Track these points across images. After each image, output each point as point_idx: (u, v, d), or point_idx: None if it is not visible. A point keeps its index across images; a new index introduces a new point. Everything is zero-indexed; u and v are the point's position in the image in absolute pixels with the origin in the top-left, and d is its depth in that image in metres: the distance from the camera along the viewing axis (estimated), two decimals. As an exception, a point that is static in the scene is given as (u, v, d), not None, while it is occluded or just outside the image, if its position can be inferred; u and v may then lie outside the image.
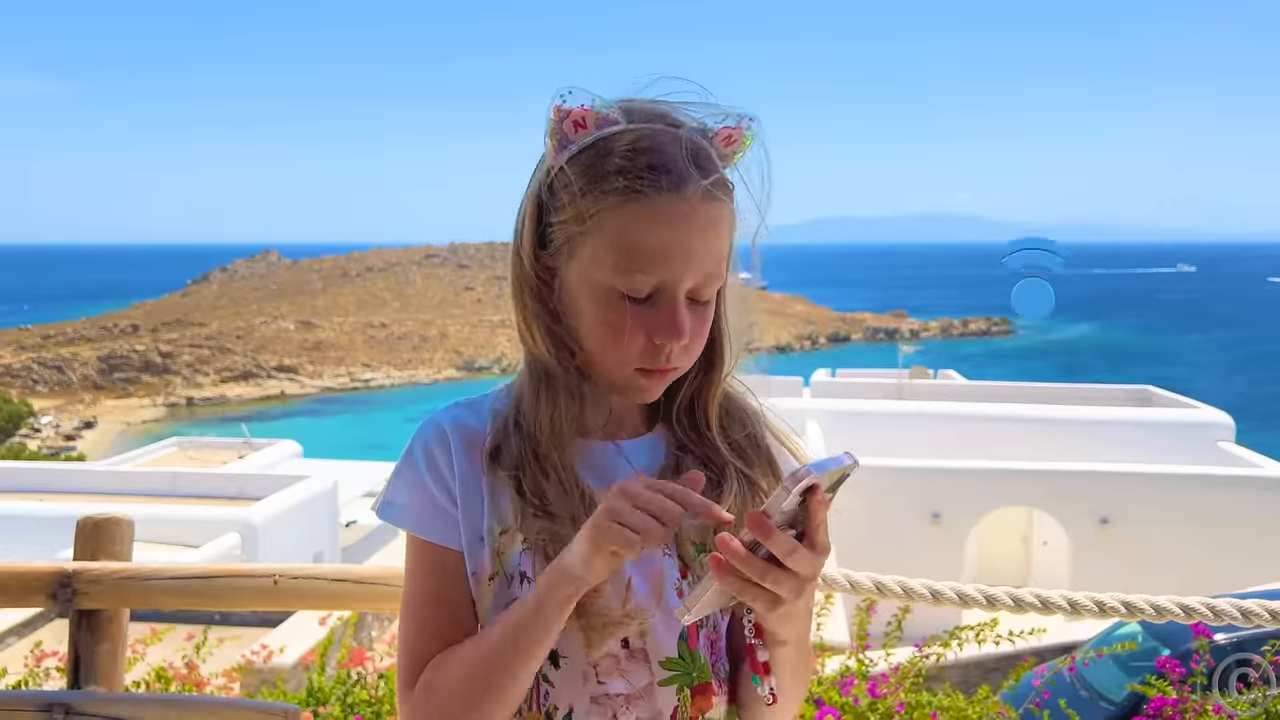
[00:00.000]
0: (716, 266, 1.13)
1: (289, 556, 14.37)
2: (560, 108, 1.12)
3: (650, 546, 1.02)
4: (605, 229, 1.11)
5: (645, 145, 1.10)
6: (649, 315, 1.12)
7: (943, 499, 13.94)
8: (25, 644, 7.51)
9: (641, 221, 1.09)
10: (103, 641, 1.85)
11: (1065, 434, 16.11)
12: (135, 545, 1.99)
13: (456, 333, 76.19)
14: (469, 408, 1.24)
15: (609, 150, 1.11)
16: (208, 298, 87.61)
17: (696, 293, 1.14)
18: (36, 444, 47.81)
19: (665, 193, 1.09)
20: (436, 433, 1.21)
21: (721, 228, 1.13)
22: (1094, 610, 1.86)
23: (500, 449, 1.18)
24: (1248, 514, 13.38)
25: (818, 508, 1.00)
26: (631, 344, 1.13)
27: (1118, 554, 13.53)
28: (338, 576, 1.71)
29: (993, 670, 8.37)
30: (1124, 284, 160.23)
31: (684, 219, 1.09)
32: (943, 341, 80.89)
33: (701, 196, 1.10)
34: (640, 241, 1.10)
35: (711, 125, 1.15)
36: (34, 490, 16.95)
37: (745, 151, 1.16)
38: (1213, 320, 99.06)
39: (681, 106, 1.15)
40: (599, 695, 1.15)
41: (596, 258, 1.12)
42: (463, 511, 1.19)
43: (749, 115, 1.15)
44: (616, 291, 1.12)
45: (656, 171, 1.09)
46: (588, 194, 1.11)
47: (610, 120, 1.12)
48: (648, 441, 1.24)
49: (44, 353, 69.32)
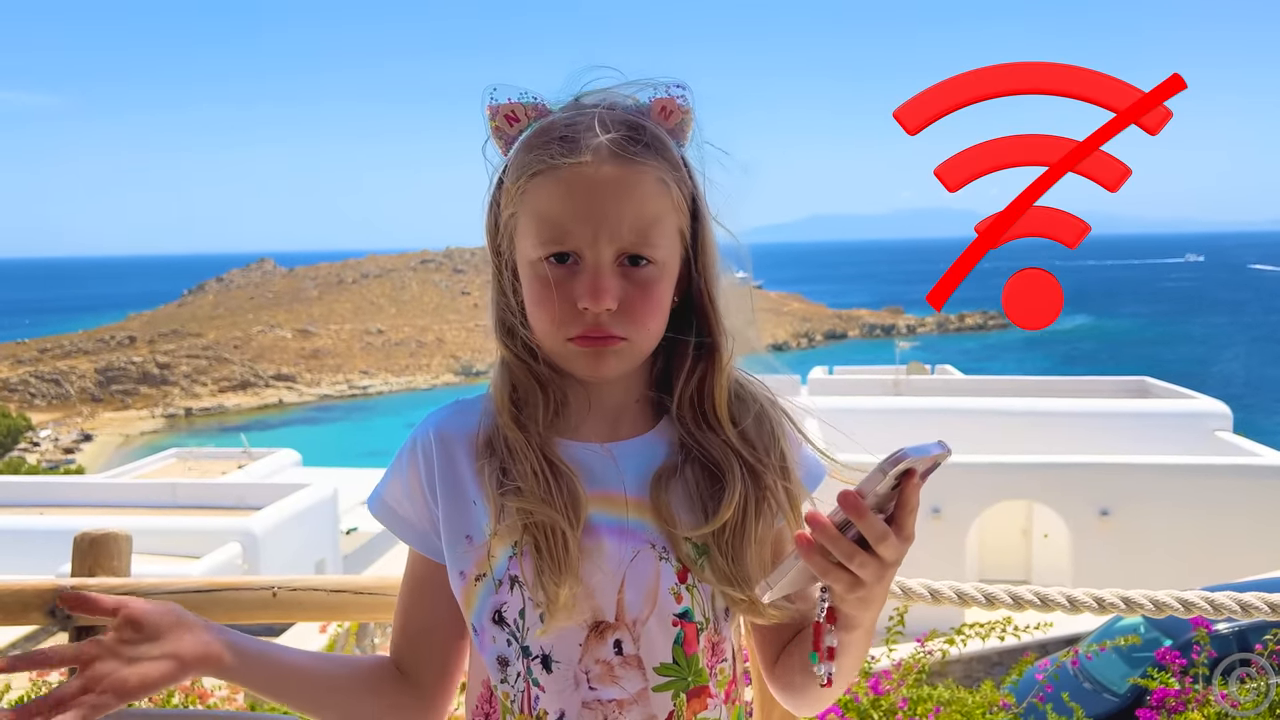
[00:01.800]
0: (642, 229, 1.13)
1: (290, 565, 14.37)
2: (492, 106, 1.17)
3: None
4: (526, 206, 1.15)
5: (560, 123, 1.14)
6: (572, 282, 1.13)
7: (943, 494, 13.94)
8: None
9: (546, 190, 1.12)
10: (103, 656, 1.84)
11: (1064, 426, 16.12)
12: (136, 558, 1.98)
13: (453, 338, 76.22)
14: (463, 408, 1.26)
15: (534, 136, 1.16)
16: (204, 308, 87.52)
17: (628, 254, 1.14)
18: (35, 458, 47.79)
19: (564, 159, 1.11)
20: (424, 439, 1.24)
21: (642, 190, 1.13)
22: (1093, 607, 1.85)
23: (490, 444, 1.20)
24: (1247, 503, 13.42)
25: (912, 493, 0.99)
26: (554, 311, 1.13)
27: (1118, 545, 13.55)
28: (337, 588, 1.70)
29: (996, 665, 8.38)
30: (1126, 274, 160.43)
31: (586, 182, 1.11)
32: (939, 336, 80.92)
33: (606, 159, 1.11)
34: (548, 210, 1.12)
35: (644, 100, 1.18)
36: (34, 504, 16.94)
37: (689, 120, 1.19)
38: (1205, 307, 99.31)
39: (620, 89, 1.18)
40: (590, 701, 1.14)
41: (524, 235, 1.16)
42: (445, 514, 1.21)
43: (676, 83, 1.18)
44: (543, 263, 1.14)
45: (559, 142, 1.12)
46: (515, 178, 1.16)
47: (540, 109, 1.17)
48: (644, 442, 1.23)
49: (41, 366, 69.23)
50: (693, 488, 1.20)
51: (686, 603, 1.18)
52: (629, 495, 1.19)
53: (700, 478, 1.20)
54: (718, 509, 1.17)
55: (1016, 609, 2.02)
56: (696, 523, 1.18)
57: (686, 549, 1.18)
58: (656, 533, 1.17)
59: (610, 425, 1.23)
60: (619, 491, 1.19)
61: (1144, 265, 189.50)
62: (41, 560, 10.67)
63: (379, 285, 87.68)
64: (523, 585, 1.15)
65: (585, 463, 1.19)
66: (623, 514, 1.18)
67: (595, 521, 1.16)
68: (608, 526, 1.16)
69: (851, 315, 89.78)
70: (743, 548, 1.18)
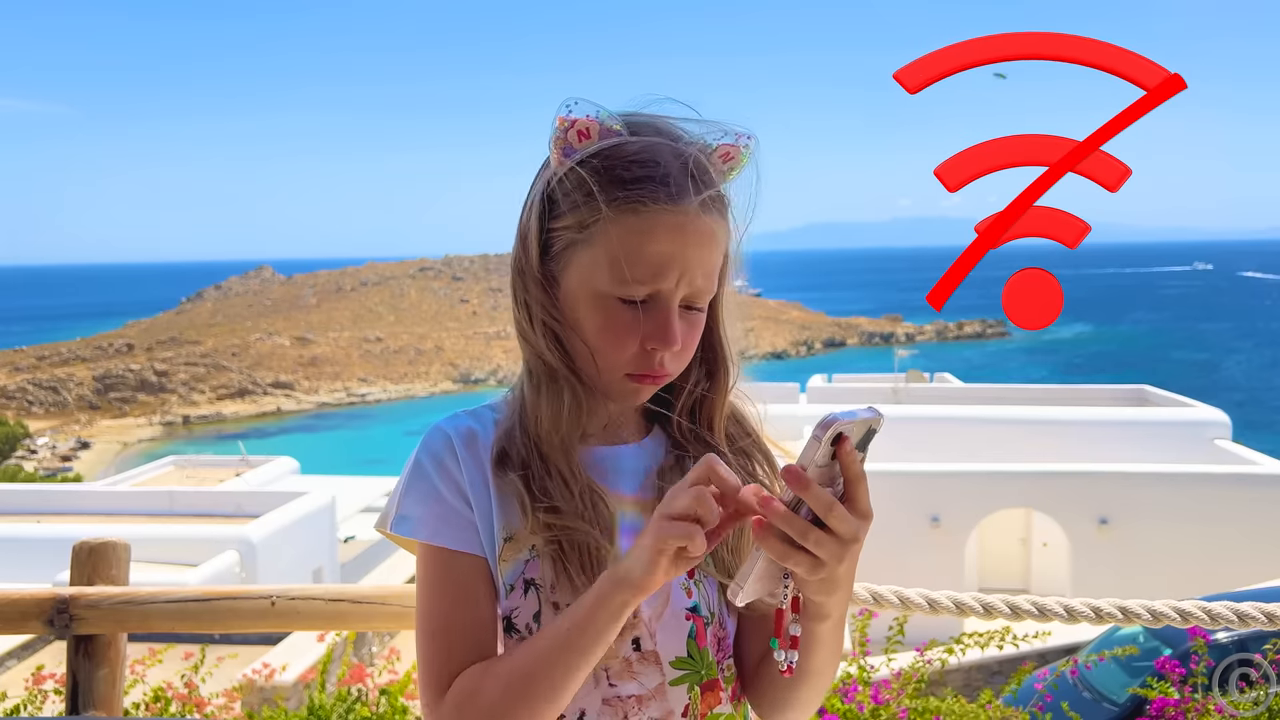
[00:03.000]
0: (709, 278, 1.16)
1: (288, 573, 14.34)
2: (565, 118, 1.15)
3: (709, 545, 1.01)
4: (605, 237, 1.14)
5: (647, 158, 1.14)
6: (643, 322, 1.15)
7: (942, 502, 13.94)
8: (26, 666, 7.47)
9: (640, 232, 1.12)
10: (101, 667, 1.84)
11: (1062, 435, 16.11)
12: (134, 565, 1.98)
13: (452, 345, 76.12)
14: (471, 416, 1.25)
15: (611, 161, 1.14)
16: (202, 315, 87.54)
17: (689, 302, 1.17)
18: (33, 465, 47.75)
19: (664, 204, 1.12)
20: (443, 440, 1.21)
21: (716, 241, 1.16)
22: (1091, 617, 1.85)
23: (506, 452, 1.19)
24: (1246, 511, 13.40)
25: (849, 461, 0.99)
26: (625, 349, 1.15)
27: (1117, 554, 13.53)
28: (335, 597, 1.70)
29: (995, 674, 8.36)
30: (1133, 282, 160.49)
31: (680, 231, 1.12)
32: (938, 345, 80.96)
33: (698, 210, 1.13)
34: (638, 251, 1.12)
35: (711, 142, 1.18)
36: (31, 512, 16.90)
37: (741, 168, 1.20)
38: (1204, 314, 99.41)
39: (682, 122, 1.19)
40: (610, 698, 1.16)
41: (595, 264, 1.15)
42: (479, 512, 1.19)
43: (747, 133, 1.19)
44: (613, 298, 1.14)
45: (656, 184, 1.12)
46: (589, 202, 1.13)
47: (614, 132, 1.16)
48: (644, 445, 1.26)
49: (39, 374, 69.21)
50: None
51: (695, 597, 1.20)
52: (633, 496, 1.22)
53: None
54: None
55: (1015, 619, 2.01)
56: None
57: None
58: None
59: (615, 431, 1.26)
60: (624, 492, 1.22)
61: (1150, 273, 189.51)
62: (39, 568, 10.65)
63: (378, 293, 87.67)
64: (539, 588, 1.15)
65: (599, 462, 1.22)
66: (629, 514, 1.20)
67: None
68: (622, 528, 1.18)
69: (850, 323, 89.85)
70: (740, 538, 1.21)
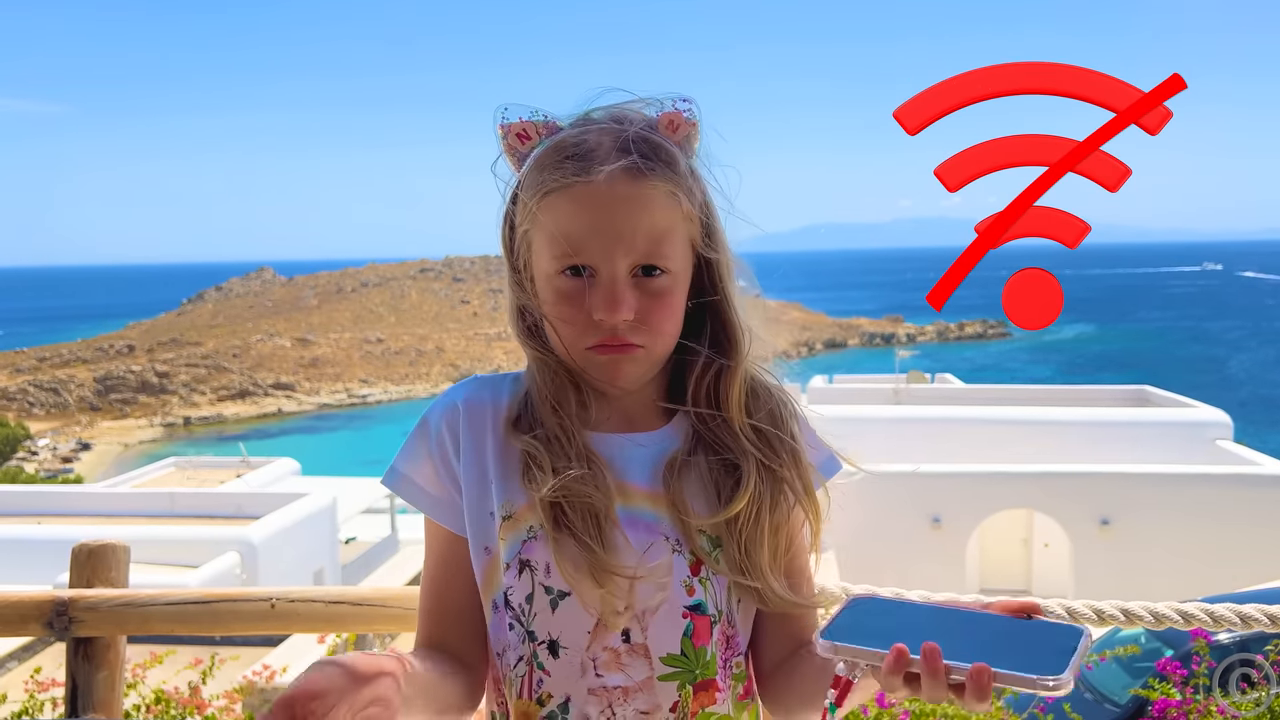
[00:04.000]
0: (658, 242, 1.17)
1: (289, 574, 14.34)
2: (503, 125, 1.21)
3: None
4: (541, 223, 1.18)
5: (575, 140, 1.18)
6: (590, 295, 1.16)
7: (943, 503, 13.93)
8: (26, 668, 7.46)
9: (562, 209, 1.16)
10: (100, 669, 1.84)
11: (1064, 435, 16.09)
12: (134, 567, 1.98)
13: (453, 346, 76.11)
14: (487, 384, 1.30)
15: (545, 152, 1.19)
16: (203, 316, 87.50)
17: (641, 266, 1.17)
18: (34, 466, 47.69)
19: (577, 177, 1.15)
20: (449, 410, 1.26)
21: (652, 204, 1.16)
22: (1092, 619, 1.85)
23: (520, 418, 1.23)
24: (1248, 512, 13.38)
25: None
26: (575, 321, 1.17)
27: (1119, 555, 13.52)
28: (335, 599, 1.70)
29: (996, 674, 8.35)
30: (1135, 282, 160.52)
31: (598, 199, 1.14)
32: (939, 345, 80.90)
33: (619, 177, 1.15)
34: (564, 227, 1.16)
35: (652, 114, 1.21)
36: (32, 514, 16.90)
37: (697, 134, 1.23)
38: (1210, 314, 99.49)
39: (629, 105, 1.22)
40: (596, 687, 1.17)
41: (541, 250, 1.20)
42: (467, 488, 1.23)
43: (682, 97, 1.21)
44: (558, 274, 1.18)
45: (579, 159, 1.16)
46: (530, 195, 1.19)
47: (553, 127, 1.21)
48: (659, 435, 1.26)
49: (40, 375, 69.17)
50: (706, 476, 1.23)
51: (699, 595, 1.19)
52: (644, 487, 1.22)
53: (714, 466, 1.23)
54: (732, 497, 1.20)
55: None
56: (710, 511, 1.21)
57: (701, 541, 1.20)
58: (670, 525, 1.20)
59: (627, 421, 1.26)
60: (635, 483, 1.22)
61: (1158, 273, 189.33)
62: (39, 570, 10.64)
63: (378, 294, 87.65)
64: (533, 570, 1.17)
65: (608, 450, 1.22)
66: (638, 506, 1.20)
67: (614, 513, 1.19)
68: (624, 519, 1.19)
69: (851, 324, 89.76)
70: (757, 537, 1.21)
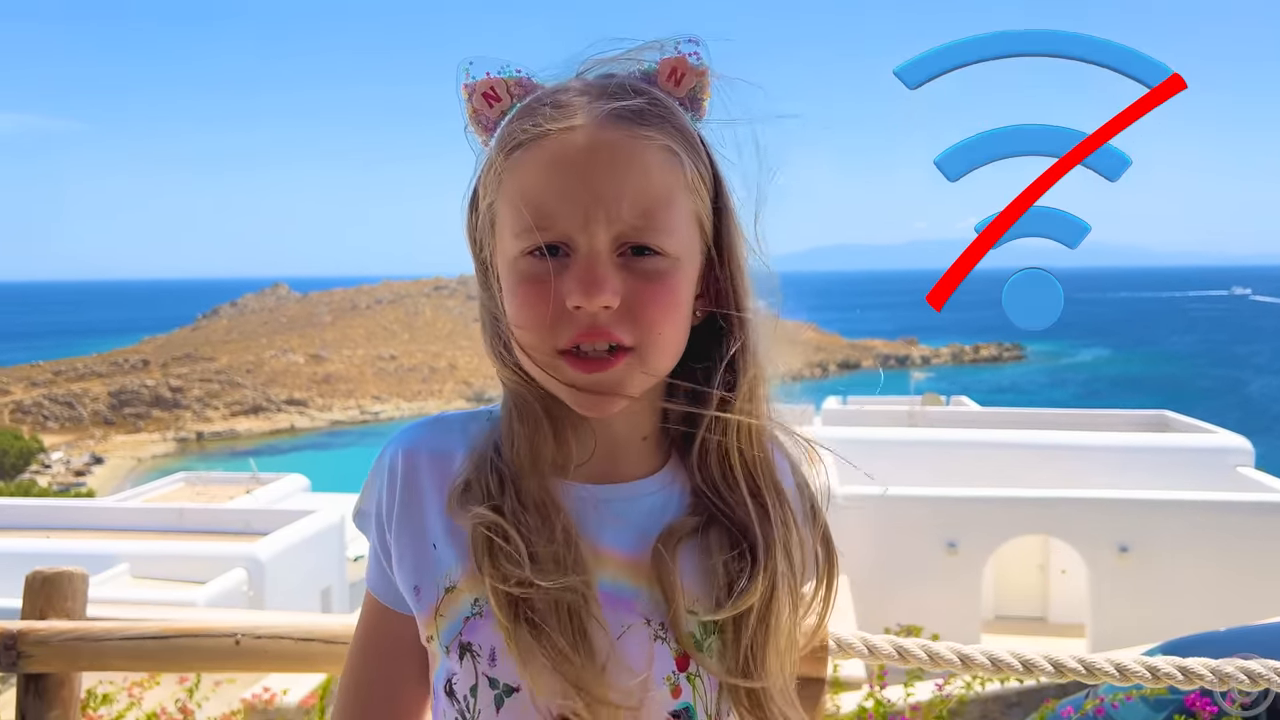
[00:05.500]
0: (646, 209, 0.90)
1: (296, 592, 14.24)
2: (468, 85, 0.96)
3: None
4: (505, 190, 0.93)
5: (546, 94, 0.94)
6: (560, 278, 0.90)
7: (958, 528, 13.73)
8: None
9: (526, 167, 0.91)
10: (52, 708, 1.69)
11: (1081, 460, 15.90)
12: (140, 582, 1.85)
13: (466, 364, 76.20)
14: (443, 427, 1.04)
15: (514, 115, 0.95)
16: (217, 332, 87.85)
17: (629, 241, 0.91)
18: (47, 480, 47.82)
19: (548, 124, 0.90)
20: (390, 456, 1.03)
21: (642, 160, 0.90)
22: (1114, 676, 1.68)
23: (471, 484, 0.96)
24: (1270, 540, 13.18)
25: None
26: (539, 312, 0.90)
27: (1137, 582, 13.31)
28: (305, 635, 1.56)
29: (1014, 705, 8.15)
30: (1157, 306, 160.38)
31: (574, 153, 0.89)
32: (954, 368, 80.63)
33: (605, 124, 0.90)
34: (530, 193, 0.90)
35: (649, 63, 0.96)
36: (41, 527, 16.85)
37: (706, 83, 0.96)
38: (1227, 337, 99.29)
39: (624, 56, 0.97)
40: None
41: (504, 226, 0.94)
42: (399, 555, 1.00)
43: (688, 38, 0.96)
44: (521, 256, 0.91)
45: (548, 112, 0.91)
46: (495, 160, 0.94)
47: (530, 85, 0.96)
48: (648, 486, 0.99)
49: (55, 389, 69.47)
50: (710, 555, 0.95)
51: (686, 697, 0.94)
52: (623, 553, 0.95)
53: (721, 542, 0.95)
54: (745, 586, 0.93)
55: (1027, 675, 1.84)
56: (709, 600, 0.93)
57: (691, 627, 0.93)
58: (652, 605, 0.93)
59: (608, 463, 0.99)
60: (611, 548, 0.95)
61: (1185, 297, 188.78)
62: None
63: (392, 311, 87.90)
64: (476, 657, 0.92)
65: (577, 508, 0.95)
66: (613, 577, 0.94)
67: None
68: (600, 593, 0.93)
69: (865, 345, 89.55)
70: (766, 637, 0.93)
